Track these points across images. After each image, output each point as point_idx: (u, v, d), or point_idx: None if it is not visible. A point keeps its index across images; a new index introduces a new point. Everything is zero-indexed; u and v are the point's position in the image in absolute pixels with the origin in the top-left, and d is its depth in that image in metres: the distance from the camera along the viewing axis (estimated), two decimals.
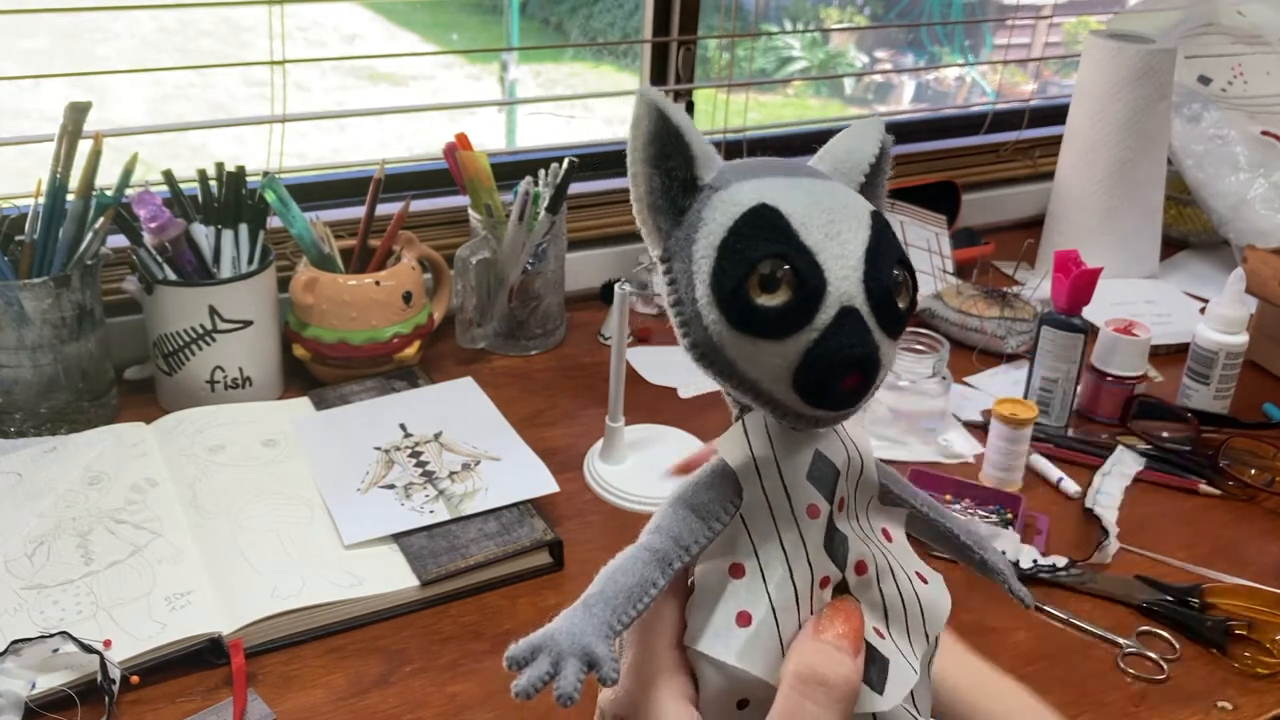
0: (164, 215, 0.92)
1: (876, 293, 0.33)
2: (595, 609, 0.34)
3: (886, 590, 0.37)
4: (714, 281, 0.33)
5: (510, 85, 3.84)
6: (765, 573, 0.36)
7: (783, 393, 0.34)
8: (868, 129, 0.39)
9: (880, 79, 4.28)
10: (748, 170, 0.36)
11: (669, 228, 0.36)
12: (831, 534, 0.36)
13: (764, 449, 0.36)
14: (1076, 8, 2.86)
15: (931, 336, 1.00)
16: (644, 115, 0.35)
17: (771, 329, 0.33)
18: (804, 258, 0.33)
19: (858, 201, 0.35)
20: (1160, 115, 1.29)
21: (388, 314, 1.00)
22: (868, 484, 0.38)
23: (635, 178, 0.36)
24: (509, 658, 0.33)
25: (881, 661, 0.36)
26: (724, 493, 0.36)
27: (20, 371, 0.89)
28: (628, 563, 0.35)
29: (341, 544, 0.78)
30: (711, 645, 0.35)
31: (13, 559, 0.75)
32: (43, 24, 3.73)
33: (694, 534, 0.36)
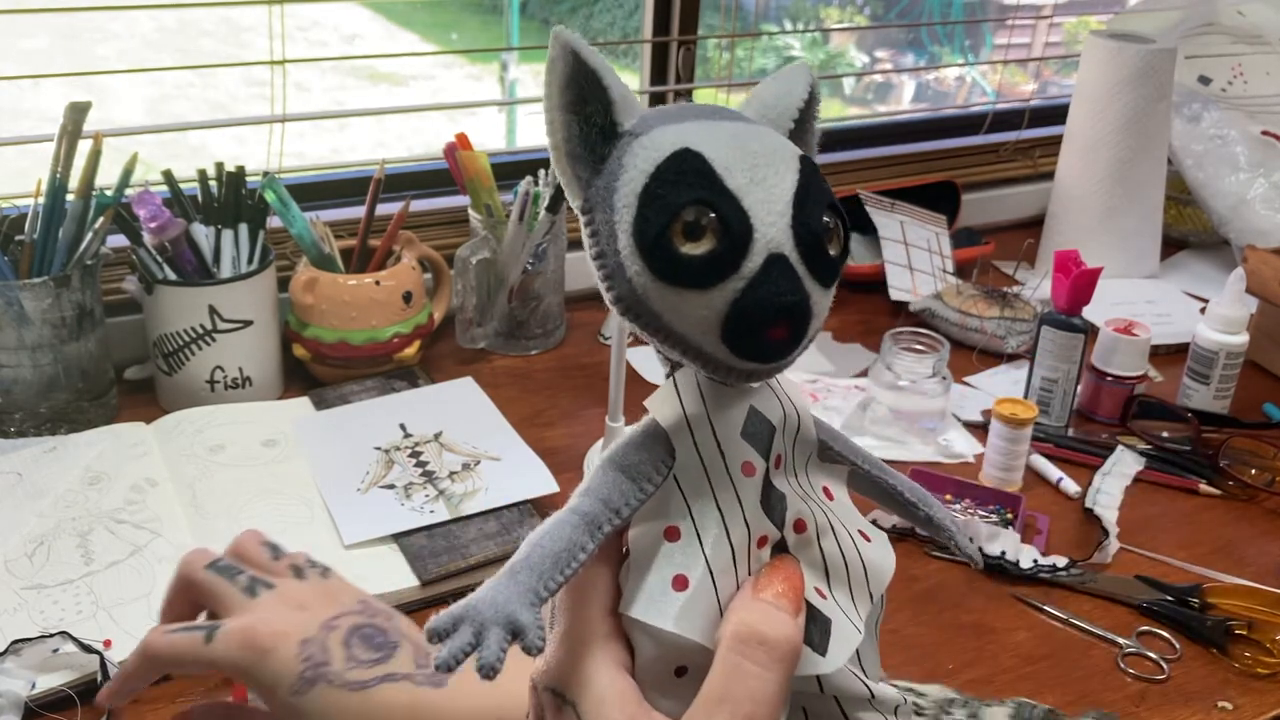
0: (164, 215, 0.92)
1: (806, 239, 0.32)
2: (520, 576, 0.33)
3: (827, 548, 0.36)
4: (636, 230, 0.32)
5: (510, 85, 3.84)
6: (701, 534, 0.34)
7: (711, 345, 0.33)
8: (795, 73, 0.38)
9: (880, 79, 4.28)
10: (670, 115, 0.34)
11: (589, 176, 0.34)
12: (768, 492, 0.35)
13: (696, 406, 0.35)
14: (1076, 8, 2.86)
15: (931, 336, 1.00)
16: (559, 57, 0.33)
17: (697, 278, 0.31)
18: (729, 203, 0.31)
19: (785, 145, 0.34)
20: (1160, 115, 1.29)
21: (388, 314, 1.00)
22: (805, 440, 0.37)
23: (552, 124, 0.34)
24: (429, 629, 0.31)
25: (823, 621, 0.35)
26: (656, 453, 0.35)
27: (20, 371, 0.89)
28: (555, 527, 0.34)
29: (341, 544, 0.78)
30: (646, 611, 0.34)
31: (13, 559, 0.75)
32: (43, 24, 3.72)
33: (624, 496, 0.34)
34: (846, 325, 1.21)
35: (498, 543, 0.79)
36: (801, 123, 0.38)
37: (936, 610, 0.78)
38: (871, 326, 1.19)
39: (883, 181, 1.40)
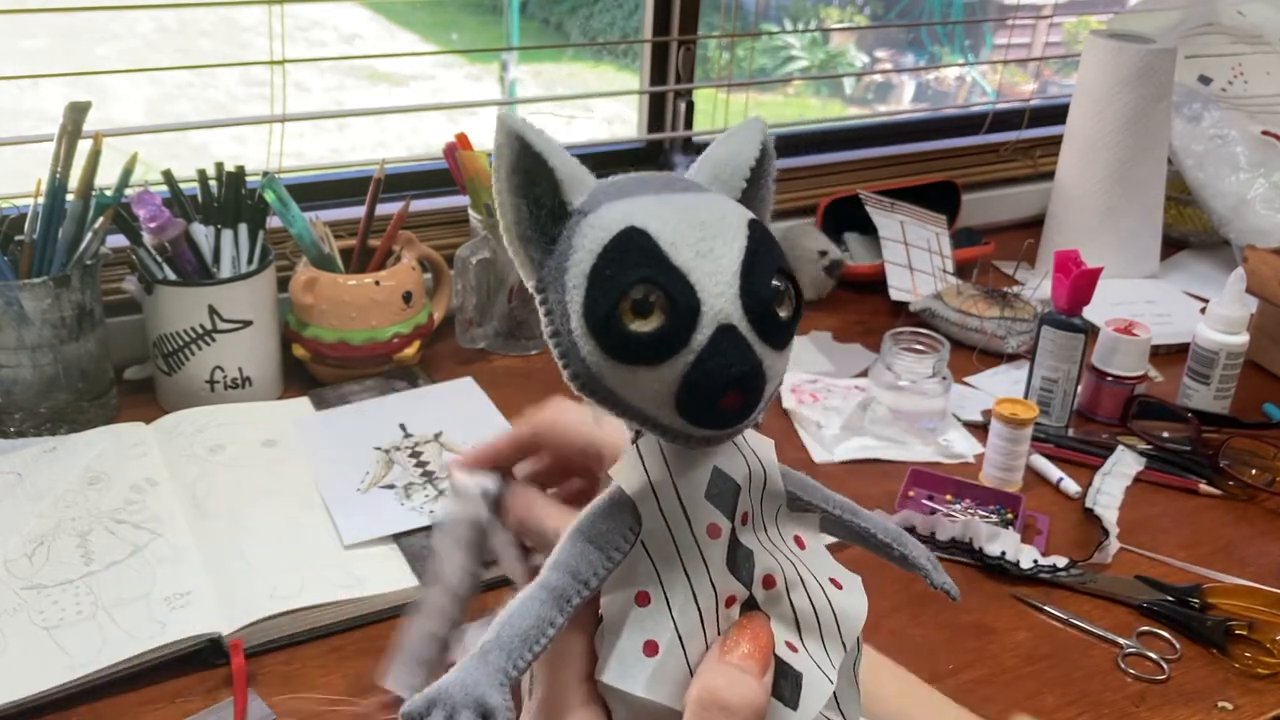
0: (163, 215, 0.92)
1: (754, 307, 0.32)
2: (491, 656, 0.34)
3: (797, 602, 0.37)
4: (586, 311, 0.32)
5: (510, 85, 3.84)
6: (669, 598, 0.35)
7: (667, 417, 0.33)
8: (748, 131, 0.38)
9: (880, 79, 4.28)
10: (617, 190, 0.34)
11: (541, 257, 0.35)
12: (735, 551, 0.36)
13: (660, 472, 0.35)
14: (1076, 8, 2.86)
15: (931, 336, 1.00)
16: (505, 144, 0.34)
17: (647, 355, 0.32)
18: (675, 279, 0.32)
19: (734, 212, 0.34)
20: (1160, 115, 1.29)
21: (388, 314, 1.00)
22: (773, 494, 0.38)
23: (502, 208, 0.34)
24: (405, 713, 0.32)
25: (794, 676, 0.36)
26: (622, 520, 0.36)
27: (20, 371, 0.89)
28: (524, 605, 0.35)
29: (341, 544, 0.78)
30: (618, 676, 0.35)
31: (13, 559, 0.75)
32: (42, 24, 3.72)
33: (592, 566, 0.35)
34: (846, 325, 1.21)
35: None
36: (754, 181, 0.38)
37: (936, 610, 0.78)
38: (871, 326, 1.19)
39: (883, 181, 1.40)
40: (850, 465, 0.95)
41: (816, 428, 0.99)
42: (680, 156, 1.38)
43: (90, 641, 0.68)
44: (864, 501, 0.42)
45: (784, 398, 1.04)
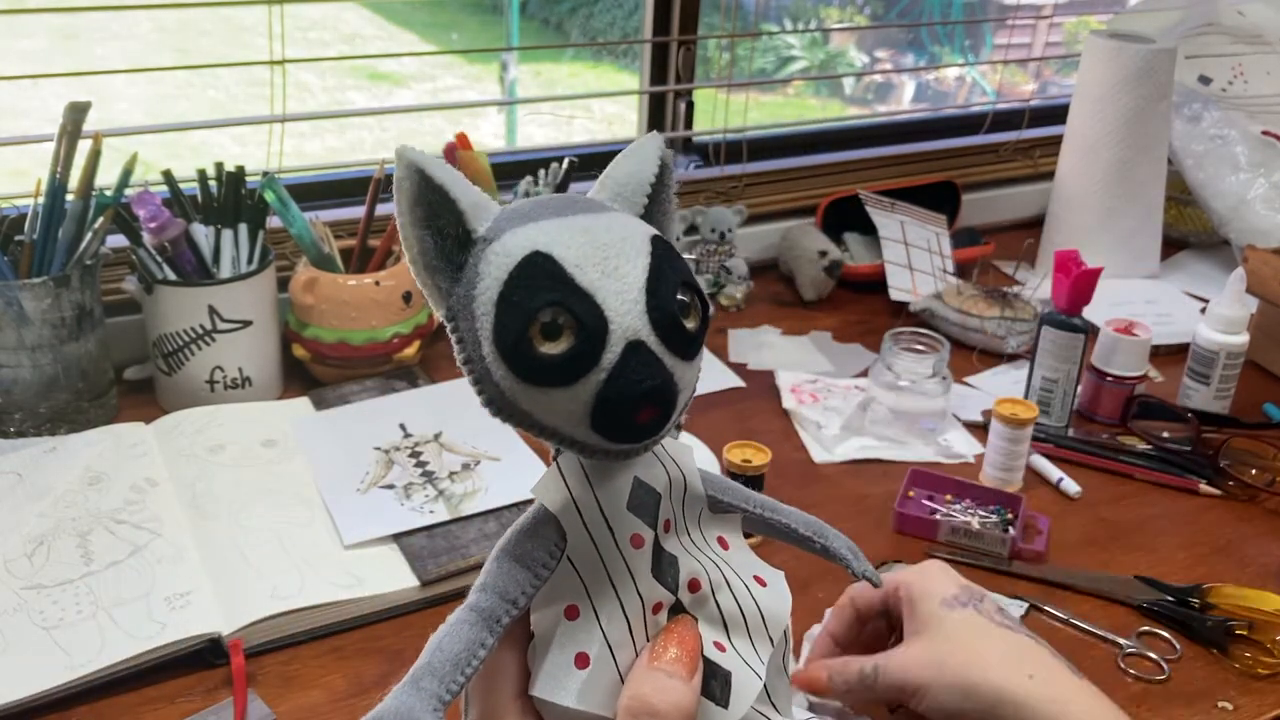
0: (163, 215, 0.92)
1: (662, 321, 0.33)
2: (423, 683, 0.34)
3: (723, 602, 0.37)
4: (496, 337, 0.33)
5: (510, 85, 3.84)
6: (598, 610, 0.36)
7: (583, 434, 0.34)
8: (646, 149, 0.38)
9: (880, 79, 4.28)
10: (521, 215, 0.35)
11: (449, 286, 0.35)
12: (659, 558, 0.36)
13: (581, 487, 0.36)
14: (1076, 8, 2.86)
15: (931, 336, 1.00)
16: (405, 177, 0.34)
17: (559, 377, 0.32)
18: (582, 300, 0.32)
19: (636, 230, 0.35)
20: (1160, 115, 1.29)
21: (387, 314, 1.00)
22: (694, 499, 0.38)
23: (407, 240, 0.35)
24: None
25: (724, 675, 0.37)
26: (547, 537, 0.36)
27: (20, 371, 0.89)
28: (454, 629, 0.35)
29: (341, 544, 0.78)
30: (550, 690, 0.35)
31: (12, 559, 0.75)
32: (42, 24, 3.73)
33: (520, 585, 0.36)
34: (846, 325, 1.21)
35: None
36: (655, 197, 0.38)
37: None
38: (871, 326, 1.19)
39: (883, 181, 1.40)
40: (850, 465, 0.95)
41: (816, 428, 0.99)
42: (681, 156, 1.39)
43: (90, 641, 0.68)
44: (864, 501, 0.42)
45: (784, 398, 1.04)
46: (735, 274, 1.22)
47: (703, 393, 1.05)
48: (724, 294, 1.23)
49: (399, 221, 0.35)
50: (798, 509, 0.43)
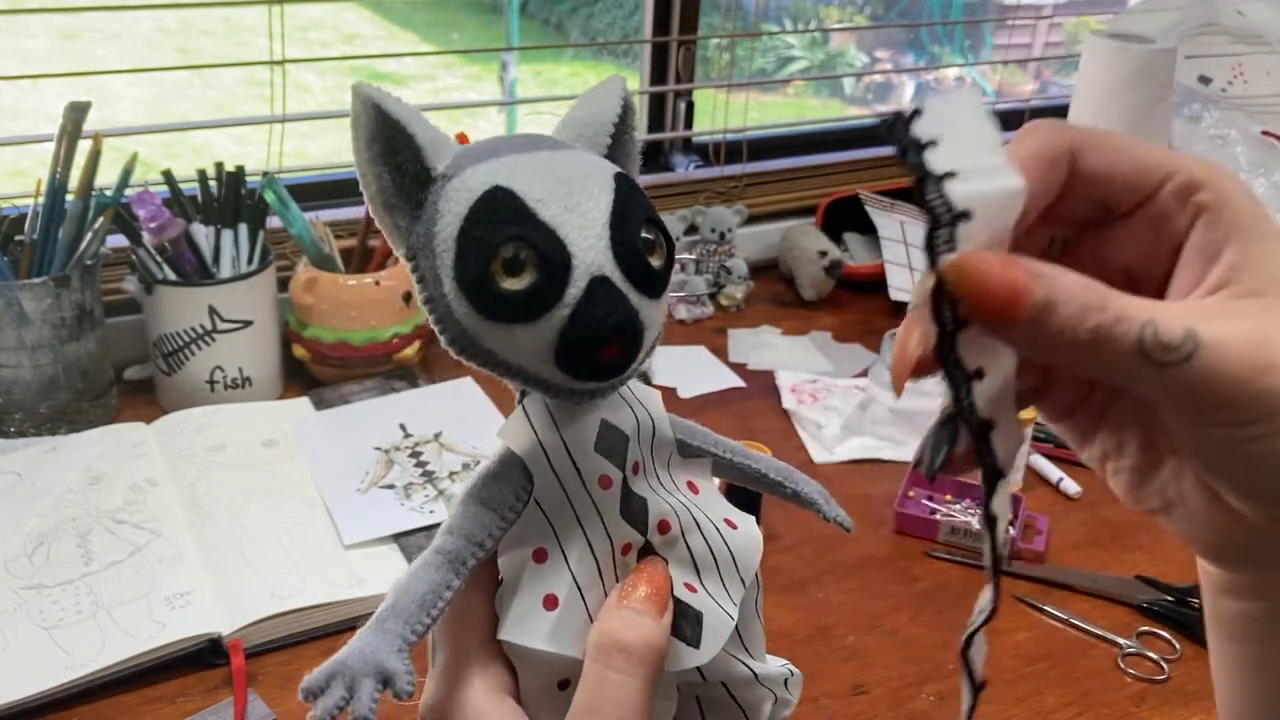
0: (164, 215, 0.92)
1: (626, 257, 0.33)
2: (387, 624, 0.34)
3: (694, 543, 0.37)
4: (457, 273, 0.32)
5: (510, 85, 3.84)
6: (566, 552, 0.36)
7: (549, 372, 0.33)
8: (608, 90, 0.38)
9: (880, 79, 4.28)
10: (482, 152, 0.34)
11: (408, 224, 0.34)
12: (628, 499, 0.36)
13: (547, 430, 0.35)
14: (1076, 8, 2.86)
15: None
16: (361, 113, 0.34)
17: (522, 313, 0.32)
18: (544, 235, 0.32)
19: (600, 167, 0.34)
20: (1160, 115, 1.29)
21: (387, 314, 1.00)
22: (663, 442, 0.38)
23: (364, 178, 0.34)
24: (304, 689, 0.32)
25: (694, 615, 0.36)
26: (514, 480, 0.36)
27: (20, 371, 0.89)
28: (419, 570, 0.35)
29: (341, 544, 0.78)
30: (520, 633, 0.35)
31: (13, 559, 0.75)
32: (42, 24, 3.72)
33: (486, 528, 0.35)
34: (846, 325, 1.21)
35: None
36: (618, 138, 0.38)
37: (936, 610, 0.78)
38: (871, 326, 1.19)
39: (883, 181, 1.40)
40: (850, 465, 0.95)
41: (816, 428, 0.99)
42: (680, 157, 1.38)
43: (90, 641, 0.68)
44: (864, 501, 0.42)
45: (784, 398, 1.04)
46: (735, 274, 1.22)
47: (703, 393, 1.05)
48: (724, 294, 1.23)
49: (356, 159, 0.34)
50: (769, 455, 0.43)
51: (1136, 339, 0.27)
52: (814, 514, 0.43)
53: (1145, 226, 0.31)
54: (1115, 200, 0.31)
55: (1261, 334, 0.27)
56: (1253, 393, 0.27)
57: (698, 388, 1.06)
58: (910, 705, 0.70)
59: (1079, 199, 0.31)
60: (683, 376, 1.07)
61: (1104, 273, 0.30)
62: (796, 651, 0.74)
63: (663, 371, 1.08)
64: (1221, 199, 0.29)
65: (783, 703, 0.41)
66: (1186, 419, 0.29)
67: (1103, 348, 0.27)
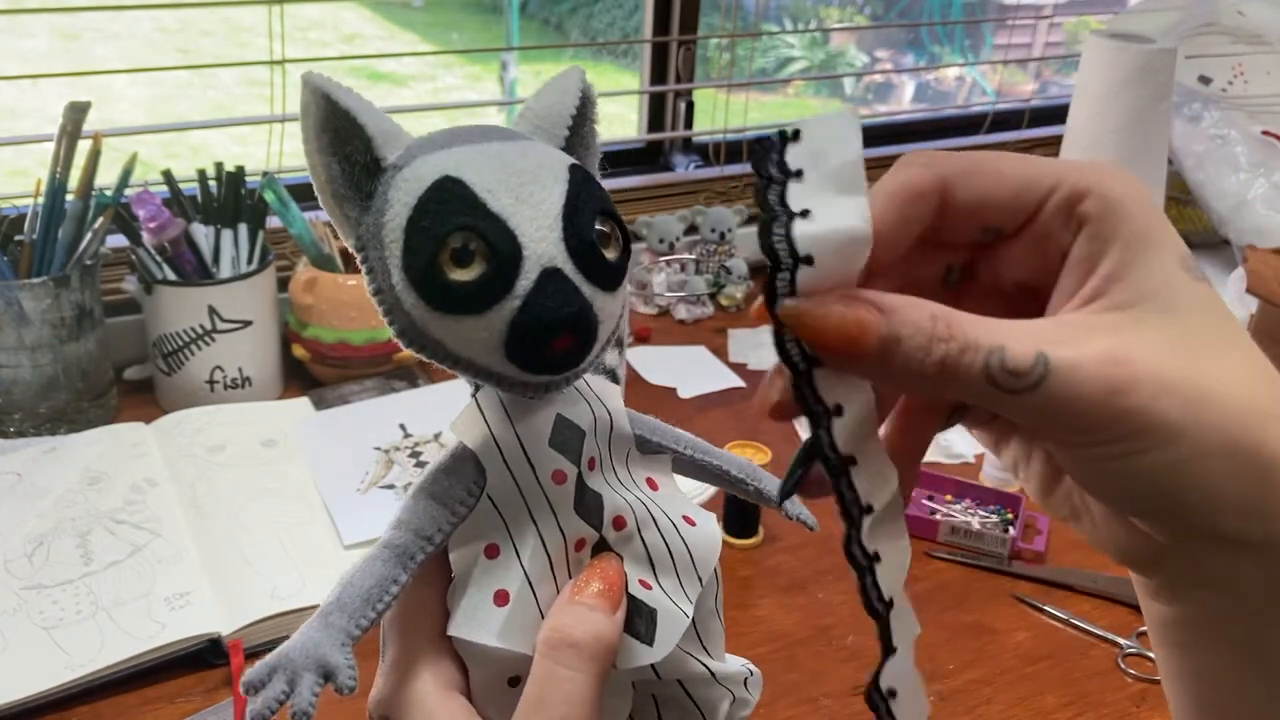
0: (163, 215, 0.92)
1: (579, 249, 0.32)
2: (331, 618, 0.34)
3: (650, 540, 0.37)
4: (405, 264, 0.32)
5: (510, 85, 3.84)
6: (518, 547, 0.35)
7: (499, 365, 0.33)
8: (568, 80, 0.38)
9: (880, 79, 4.28)
10: (433, 143, 0.34)
11: (358, 215, 0.34)
12: (583, 495, 0.36)
13: (500, 425, 0.35)
14: (1076, 8, 2.86)
15: None
16: (310, 102, 0.33)
17: (471, 304, 0.32)
18: (494, 225, 0.32)
19: (554, 158, 0.34)
20: (1160, 115, 1.29)
21: None
22: (621, 438, 0.37)
23: (313, 168, 0.34)
24: (245, 682, 0.32)
25: (648, 613, 0.36)
26: (466, 475, 0.36)
27: (20, 371, 0.89)
28: (366, 565, 0.35)
29: (341, 544, 0.78)
30: (470, 629, 0.35)
31: (12, 559, 0.75)
32: (42, 24, 3.73)
33: (435, 522, 0.35)
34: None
35: None
36: (576, 130, 0.37)
37: (937, 610, 0.78)
38: None
39: None
40: None
41: None
42: (680, 157, 1.38)
43: (90, 641, 0.68)
44: None
45: None
46: (735, 274, 1.22)
47: (703, 393, 1.05)
48: (724, 294, 1.23)
49: (305, 149, 0.34)
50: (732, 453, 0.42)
51: (983, 368, 0.27)
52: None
53: (1033, 243, 0.30)
54: (999, 223, 0.31)
55: (1118, 352, 0.27)
56: (1111, 413, 0.27)
57: (698, 388, 1.06)
58: None
59: (961, 227, 0.31)
60: (683, 376, 1.07)
61: (1002, 291, 0.31)
62: (796, 651, 0.74)
63: (663, 371, 1.08)
64: (1107, 207, 0.29)
65: (741, 702, 0.40)
66: (1052, 442, 0.29)
67: (951, 378, 0.27)
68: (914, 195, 0.31)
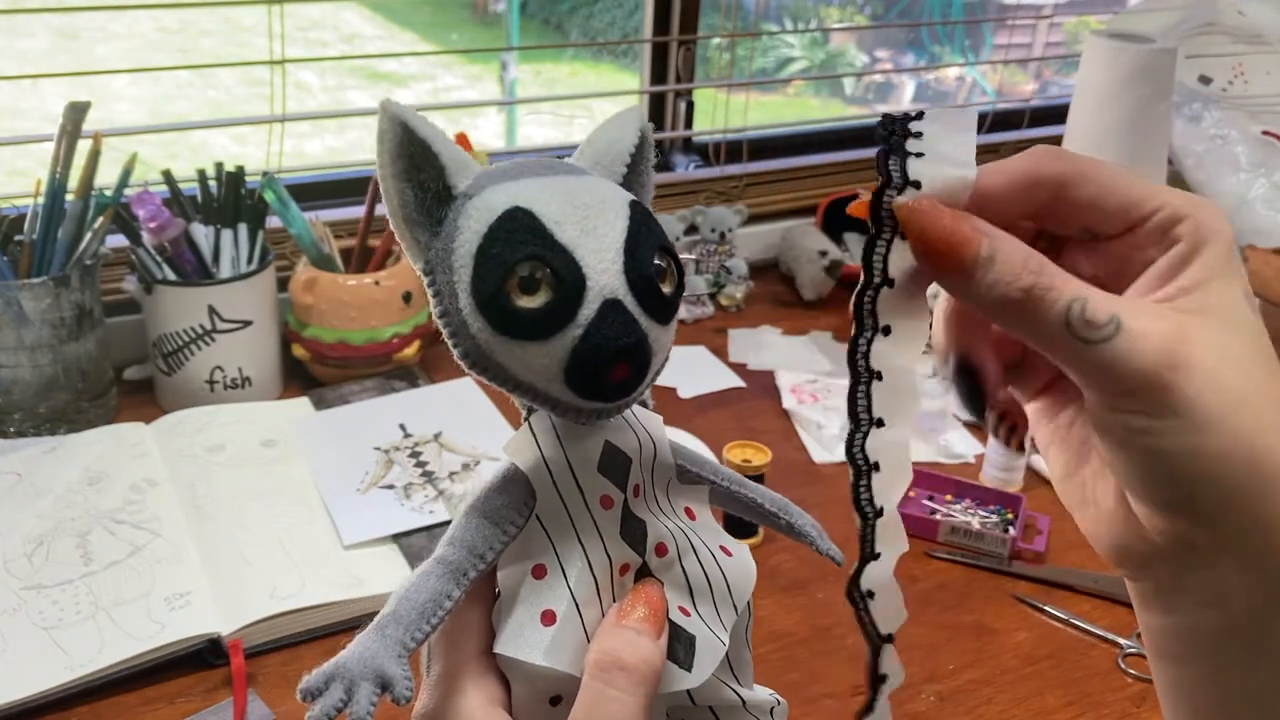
0: (163, 215, 0.92)
1: (638, 282, 0.34)
2: (387, 630, 0.35)
3: (689, 567, 0.38)
4: (474, 289, 0.33)
5: (510, 85, 3.84)
6: (565, 569, 0.36)
7: (557, 390, 0.34)
8: (626, 119, 0.39)
9: (880, 79, 4.28)
10: (501, 174, 0.36)
11: (428, 239, 0.35)
12: (628, 521, 0.37)
13: (552, 448, 0.36)
14: (1076, 8, 2.86)
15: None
16: (388, 129, 0.35)
17: (535, 330, 0.33)
18: (561, 256, 0.33)
19: (615, 194, 0.35)
20: (1160, 115, 1.29)
21: (387, 314, 1.00)
22: (663, 467, 0.39)
23: (387, 193, 0.35)
24: (302, 690, 0.33)
25: (688, 639, 0.37)
26: (517, 495, 0.37)
27: (20, 371, 0.89)
28: (420, 579, 0.36)
29: (341, 544, 0.78)
30: (516, 647, 0.36)
31: (12, 559, 0.75)
32: (43, 24, 3.73)
33: (488, 541, 0.36)
34: (846, 325, 1.20)
35: None
36: (634, 166, 0.39)
37: (936, 611, 0.78)
38: None
39: None
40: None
41: (816, 428, 0.99)
42: (680, 156, 1.38)
43: (90, 641, 0.68)
44: None
45: (784, 398, 1.04)
46: (735, 274, 1.22)
47: (703, 393, 1.05)
48: (724, 294, 1.23)
49: (380, 174, 0.35)
50: (766, 487, 0.43)
51: (1064, 310, 0.30)
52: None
53: (1124, 250, 0.33)
54: (1101, 228, 0.33)
55: (1183, 333, 0.30)
56: (1161, 384, 0.29)
57: (698, 388, 1.06)
58: (911, 705, 0.70)
59: (1066, 221, 0.33)
60: (683, 376, 1.07)
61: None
62: (796, 651, 0.74)
63: (663, 372, 1.08)
64: (1199, 234, 0.31)
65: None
66: (1098, 399, 0.31)
67: (1032, 310, 0.30)
68: (1035, 180, 0.33)
